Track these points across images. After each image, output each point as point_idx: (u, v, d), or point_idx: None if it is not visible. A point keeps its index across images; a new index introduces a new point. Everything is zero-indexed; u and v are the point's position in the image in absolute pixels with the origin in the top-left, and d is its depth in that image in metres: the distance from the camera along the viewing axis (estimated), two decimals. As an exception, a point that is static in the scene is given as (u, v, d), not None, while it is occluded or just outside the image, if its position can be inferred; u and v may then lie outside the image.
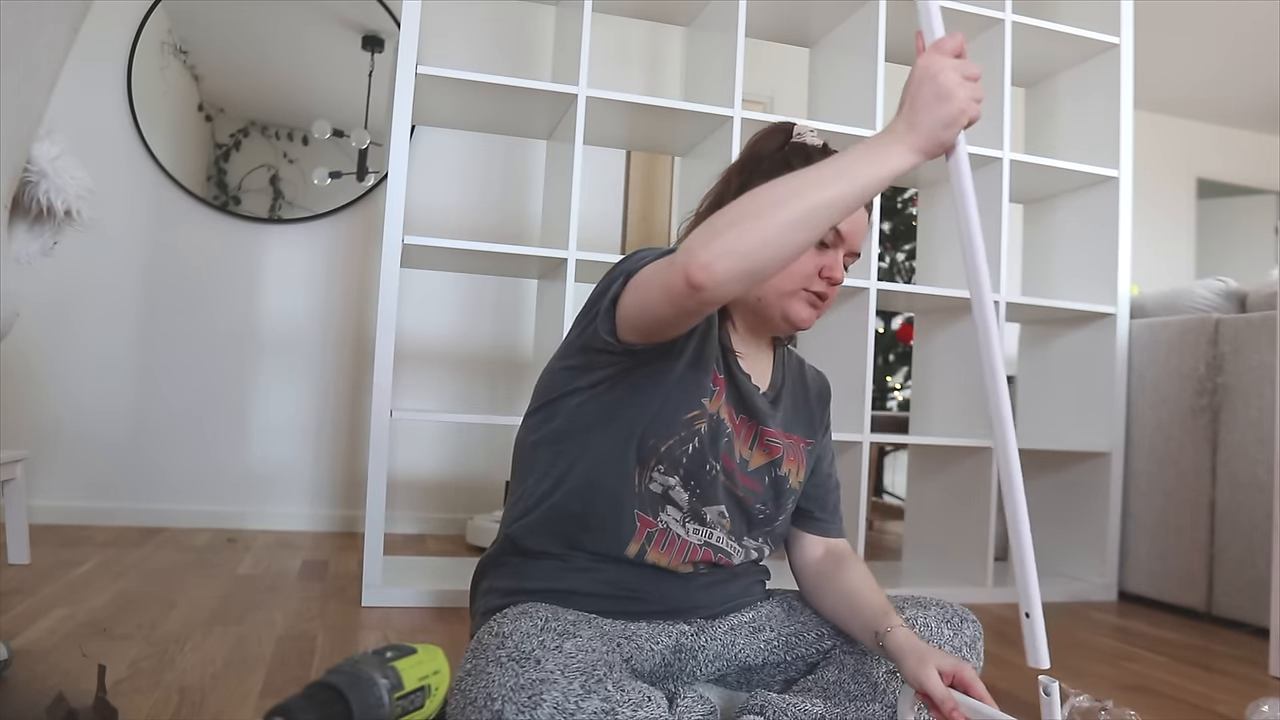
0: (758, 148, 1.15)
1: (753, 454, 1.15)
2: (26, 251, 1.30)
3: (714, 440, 1.09)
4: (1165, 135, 5.01)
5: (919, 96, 0.87)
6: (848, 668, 1.12)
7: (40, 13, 1.04)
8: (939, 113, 0.87)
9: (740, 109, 2.32)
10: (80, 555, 2.32)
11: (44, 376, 2.83)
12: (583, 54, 2.20)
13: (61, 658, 1.44)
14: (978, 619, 1.16)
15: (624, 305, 0.99)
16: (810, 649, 1.16)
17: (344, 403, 3.07)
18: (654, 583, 1.10)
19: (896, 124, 0.88)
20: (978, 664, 1.14)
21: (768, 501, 1.15)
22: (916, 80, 0.88)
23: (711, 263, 0.85)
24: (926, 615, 1.13)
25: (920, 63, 0.89)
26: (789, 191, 0.87)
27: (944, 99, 0.86)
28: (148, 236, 2.93)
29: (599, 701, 0.84)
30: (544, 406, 1.14)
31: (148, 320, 2.93)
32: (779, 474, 1.16)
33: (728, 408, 1.12)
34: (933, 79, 0.87)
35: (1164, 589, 2.49)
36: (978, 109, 0.88)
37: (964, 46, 0.89)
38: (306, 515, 3.02)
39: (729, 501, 1.12)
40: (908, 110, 0.88)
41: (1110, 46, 2.70)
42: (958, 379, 2.65)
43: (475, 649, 0.96)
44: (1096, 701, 1.35)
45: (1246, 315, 2.36)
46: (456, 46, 3.15)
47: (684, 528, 1.10)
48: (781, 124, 1.16)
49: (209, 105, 2.99)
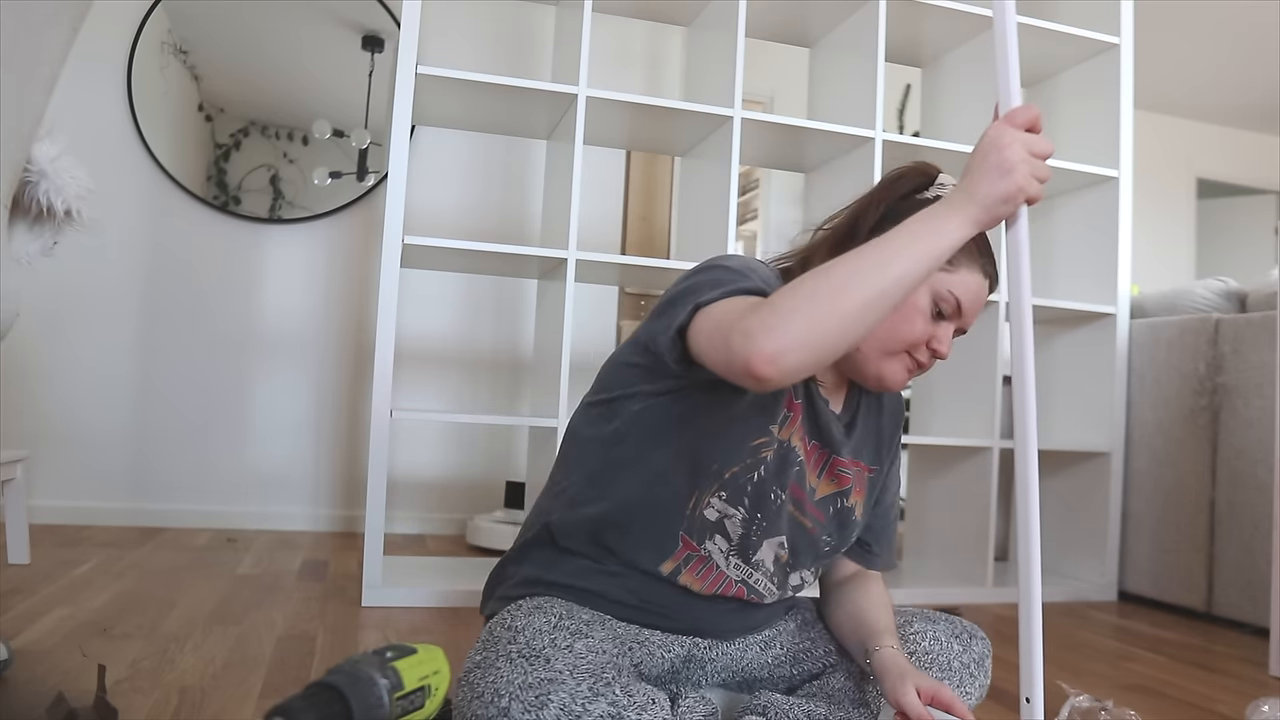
0: (899, 188, 1.08)
1: (820, 482, 1.10)
2: (26, 251, 1.30)
3: (782, 469, 1.05)
4: (1165, 135, 5.02)
5: (981, 167, 0.86)
6: (854, 675, 1.12)
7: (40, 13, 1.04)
8: (998, 187, 0.85)
9: (740, 109, 2.32)
10: (80, 555, 2.32)
11: (44, 377, 2.83)
12: (583, 54, 2.20)
13: (61, 658, 1.44)
14: (987, 638, 1.15)
15: (692, 340, 0.94)
16: (817, 664, 1.16)
17: (344, 403, 3.07)
18: (681, 601, 1.08)
19: (957, 192, 0.87)
20: (985, 681, 1.14)
21: (832, 533, 1.11)
22: (982, 150, 0.87)
23: (778, 356, 0.81)
24: (935, 629, 1.12)
25: (989, 132, 0.88)
26: (855, 271, 0.84)
27: (1005, 174, 0.85)
28: (148, 236, 2.93)
29: (605, 705, 0.84)
30: (604, 403, 1.09)
31: (148, 320, 2.93)
32: (845, 505, 1.12)
33: (801, 433, 1.07)
34: (998, 151, 0.85)
35: (1164, 589, 2.49)
36: (1039, 189, 0.86)
37: (1039, 121, 0.87)
38: (306, 515, 3.02)
39: (793, 531, 1.08)
40: (968, 179, 0.87)
41: (1110, 46, 2.70)
42: (958, 379, 2.65)
43: (487, 641, 0.95)
44: (1096, 701, 1.35)
45: (1246, 315, 2.36)
46: (456, 46, 3.15)
47: (726, 560, 1.06)
48: (923, 166, 1.10)
49: (209, 105, 3.00)
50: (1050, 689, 1.60)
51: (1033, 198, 0.86)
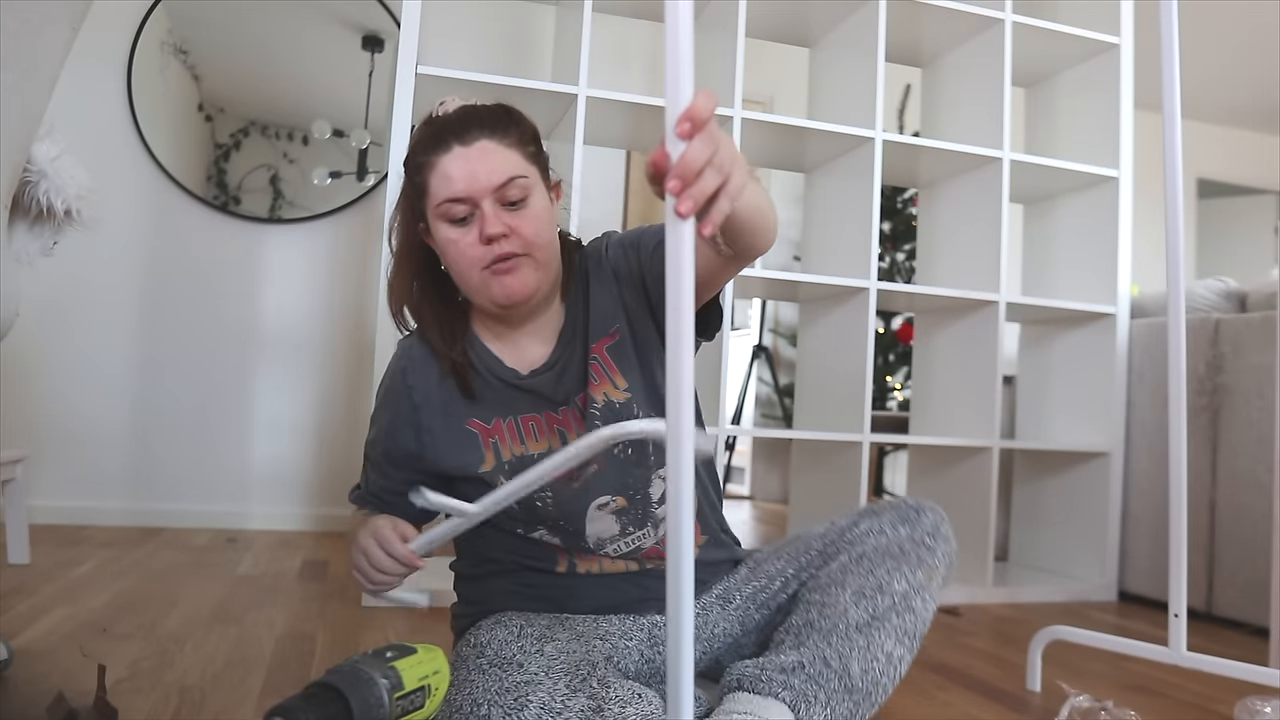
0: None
1: (573, 426, 1.09)
2: (26, 251, 1.30)
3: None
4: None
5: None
6: (814, 606, 1.05)
7: (40, 13, 1.04)
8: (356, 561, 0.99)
9: (740, 109, 2.32)
10: (80, 555, 2.32)
11: (44, 376, 2.83)
12: (583, 54, 2.20)
13: (61, 658, 1.44)
14: (938, 507, 1.10)
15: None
16: (775, 598, 1.13)
17: (344, 403, 3.07)
18: (604, 586, 1.11)
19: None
20: (947, 548, 1.07)
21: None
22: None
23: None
24: (880, 521, 1.08)
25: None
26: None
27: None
28: (148, 236, 2.93)
29: (585, 699, 0.84)
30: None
31: (148, 320, 2.93)
32: (595, 408, 1.08)
33: (510, 434, 1.09)
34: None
35: (1164, 589, 2.49)
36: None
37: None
38: (306, 515, 3.02)
39: (598, 484, 1.08)
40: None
41: (1110, 46, 2.70)
42: (958, 379, 2.65)
43: (456, 662, 0.97)
44: (1096, 701, 1.35)
45: (1246, 315, 2.36)
46: (456, 46, 3.15)
47: (598, 554, 1.10)
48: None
49: (209, 105, 2.99)
50: (1050, 689, 1.61)
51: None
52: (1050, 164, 2.61)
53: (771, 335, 4.72)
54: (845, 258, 2.53)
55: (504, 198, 1.02)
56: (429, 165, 1.03)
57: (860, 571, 1.03)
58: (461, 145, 1.01)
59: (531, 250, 1.03)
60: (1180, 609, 1.46)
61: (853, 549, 1.06)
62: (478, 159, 1.01)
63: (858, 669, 0.97)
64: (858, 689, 0.97)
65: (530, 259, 1.03)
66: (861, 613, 1.00)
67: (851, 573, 1.04)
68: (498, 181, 1.01)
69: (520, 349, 1.12)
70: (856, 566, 1.04)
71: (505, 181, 1.01)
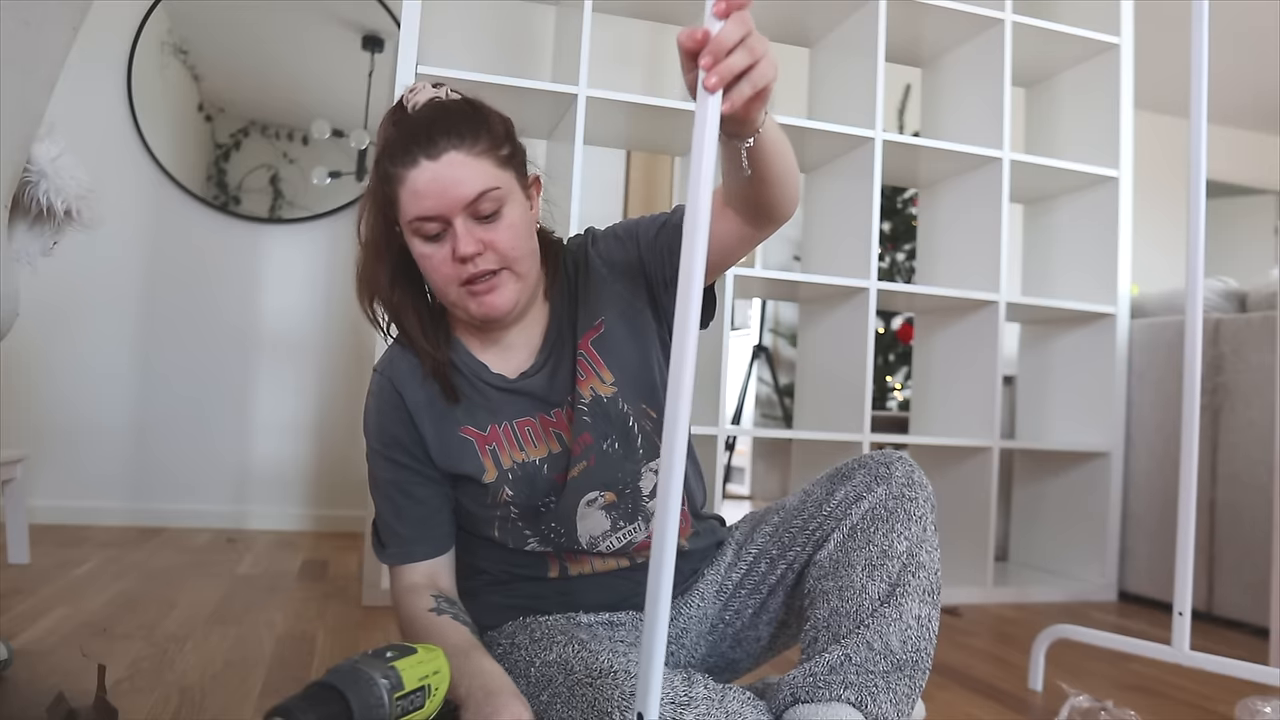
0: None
1: (570, 430, 1.07)
2: (26, 251, 1.30)
3: (530, 484, 1.07)
4: (1165, 135, 5.01)
5: None
6: (832, 593, 1.01)
7: (40, 13, 1.04)
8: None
9: (740, 109, 2.31)
10: (80, 555, 2.32)
11: (44, 376, 2.83)
12: (583, 54, 2.20)
13: (61, 658, 1.44)
14: (906, 455, 1.06)
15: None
16: (765, 580, 1.11)
17: (344, 402, 3.07)
18: (598, 586, 1.11)
19: None
20: (924, 494, 1.03)
21: (606, 434, 1.07)
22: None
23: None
24: (854, 485, 1.05)
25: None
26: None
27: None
28: (148, 236, 2.93)
29: (702, 689, 0.87)
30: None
31: (148, 320, 2.92)
32: (582, 404, 1.07)
33: (507, 439, 1.07)
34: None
35: (1164, 589, 2.49)
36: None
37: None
38: (306, 515, 3.02)
39: (586, 478, 1.07)
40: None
41: (1110, 46, 2.70)
42: (958, 379, 2.65)
43: (538, 685, 0.98)
44: (1096, 701, 1.35)
45: (1246, 315, 2.36)
46: (456, 46, 3.15)
47: (590, 553, 1.10)
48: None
49: (209, 105, 2.99)
50: (1050, 689, 1.61)
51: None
52: (1050, 164, 2.61)
53: (771, 335, 4.72)
54: (845, 258, 2.53)
55: (476, 212, 0.98)
56: (397, 179, 0.98)
57: (859, 544, 1.01)
58: (429, 160, 0.96)
59: (509, 263, 1.00)
60: (1185, 607, 1.45)
61: (842, 525, 1.03)
62: (447, 175, 0.96)
63: (897, 642, 0.95)
64: (906, 662, 0.95)
65: (509, 272, 1.01)
66: (879, 585, 0.97)
67: (852, 549, 1.01)
68: (469, 197, 0.97)
69: (505, 353, 1.10)
70: (853, 540, 1.01)
71: (476, 196, 0.97)
